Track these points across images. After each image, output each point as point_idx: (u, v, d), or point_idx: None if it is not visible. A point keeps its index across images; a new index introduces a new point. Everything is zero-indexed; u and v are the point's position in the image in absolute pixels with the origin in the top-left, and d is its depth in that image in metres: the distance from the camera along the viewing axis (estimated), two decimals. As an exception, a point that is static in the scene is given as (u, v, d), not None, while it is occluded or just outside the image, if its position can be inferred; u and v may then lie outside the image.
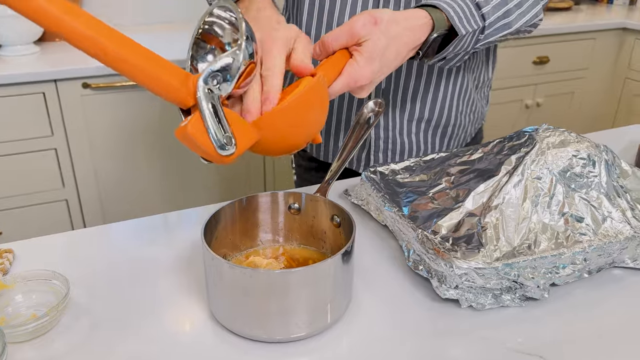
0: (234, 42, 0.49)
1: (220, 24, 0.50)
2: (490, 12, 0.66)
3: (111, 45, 0.40)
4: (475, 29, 0.66)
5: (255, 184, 1.80)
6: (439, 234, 0.55)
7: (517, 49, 2.02)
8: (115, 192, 1.63)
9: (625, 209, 0.57)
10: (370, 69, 0.57)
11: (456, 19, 0.63)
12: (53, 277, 0.53)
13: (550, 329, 0.51)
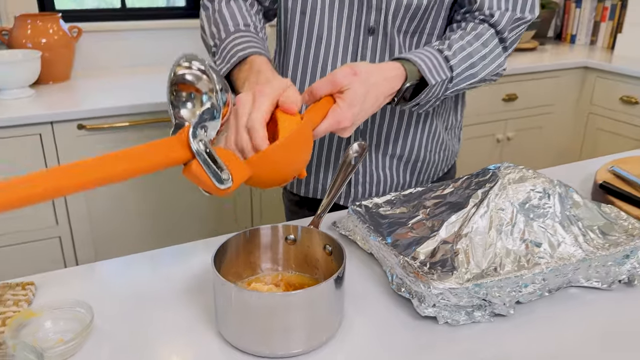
0: (210, 91, 0.57)
1: (192, 74, 0.58)
2: (457, 64, 0.76)
3: (108, 173, 0.48)
4: (444, 79, 0.75)
5: (243, 218, 1.87)
6: (418, 260, 0.63)
7: (488, 87, 2.15)
8: (107, 229, 1.68)
9: (577, 234, 0.66)
10: (351, 112, 0.66)
11: (426, 71, 0.73)
12: (78, 305, 0.59)
13: (517, 342, 0.59)
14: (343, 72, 0.67)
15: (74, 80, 1.85)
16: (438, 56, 0.75)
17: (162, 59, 2.10)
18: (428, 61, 0.74)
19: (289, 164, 0.61)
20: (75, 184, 0.45)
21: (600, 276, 0.67)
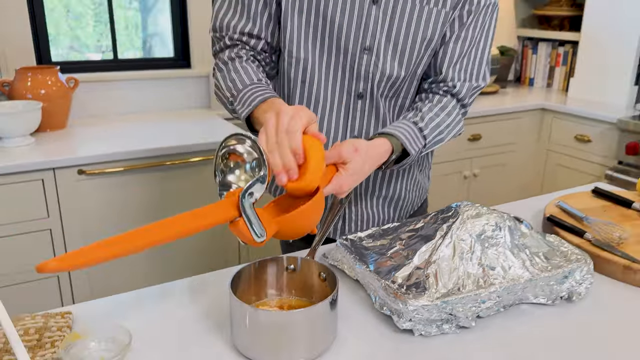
0: (258, 163, 0.71)
1: (244, 148, 0.73)
2: (429, 133, 0.95)
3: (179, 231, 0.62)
4: (420, 147, 0.93)
5: (231, 257, 1.99)
6: (397, 283, 0.76)
7: (455, 128, 2.34)
8: (103, 268, 1.77)
9: (524, 260, 0.81)
10: (352, 180, 0.82)
11: (407, 144, 0.91)
12: (117, 328, 0.71)
13: (479, 350, 0.73)
14: (347, 148, 0.83)
15: (71, 128, 1.97)
16: (414, 128, 0.94)
17: (153, 107, 2.24)
18: (407, 134, 0.92)
19: (305, 225, 0.76)
20: (159, 239, 0.61)
21: (545, 294, 0.81)
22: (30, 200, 1.62)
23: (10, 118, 1.70)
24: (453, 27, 0.98)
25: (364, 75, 0.98)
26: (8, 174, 1.57)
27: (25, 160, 1.59)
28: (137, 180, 1.76)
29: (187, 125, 2.04)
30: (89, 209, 1.71)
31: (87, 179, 1.68)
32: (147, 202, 1.79)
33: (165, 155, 1.76)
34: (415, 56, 0.97)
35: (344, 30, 0.94)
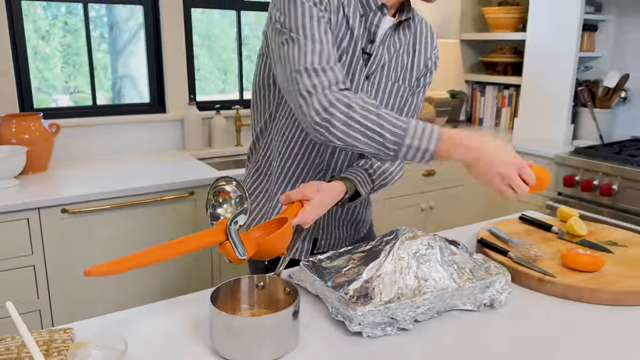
0: (241, 199, 0.90)
1: (228, 188, 0.91)
2: (376, 179, 1.17)
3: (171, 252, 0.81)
4: (369, 190, 1.15)
5: (204, 280, 2.11)
6: (348, 294, 0.93)
7: (411, 165, 2.56)
8: (84, 298, 1.88)
9: (452, 273, 0.99)
10: (313, 214, 1.01)
11: (359, 186, 1.12)
12: (115, 338, 0.85)
13: (416, 348, 0.89)
14: (310, 189, 1.02)
15: (52, 170, 2.10)
16: (365, 174, 1.16)
17: (131, 149, 2.39)
18: (359, 179, 1.14)
19: (277, 248, 0.95)
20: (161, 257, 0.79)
21: (471, 301, 0.99)
22: (15, 238, 1.73)
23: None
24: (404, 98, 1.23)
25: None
26: (-4, 214, 1.68)
27: (11, 201, 1.71)
28: (117, 217, 1.89)
29: (163, 166, 2.19)
30: (71, 246, 1.83)
31: (70, 217, 1.81)
32: (126, 238, 1.92)
33: (143, 194, 1.91)
34: None
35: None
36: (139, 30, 2.46)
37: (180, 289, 2.06)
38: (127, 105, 2.45)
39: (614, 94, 2.75)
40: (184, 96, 2.50)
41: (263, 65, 1.17)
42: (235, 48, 2.73)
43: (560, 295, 1.06)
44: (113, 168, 2.14)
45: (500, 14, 3.06)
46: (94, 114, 2.34)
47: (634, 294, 1.03)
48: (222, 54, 2.74)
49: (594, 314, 1.00)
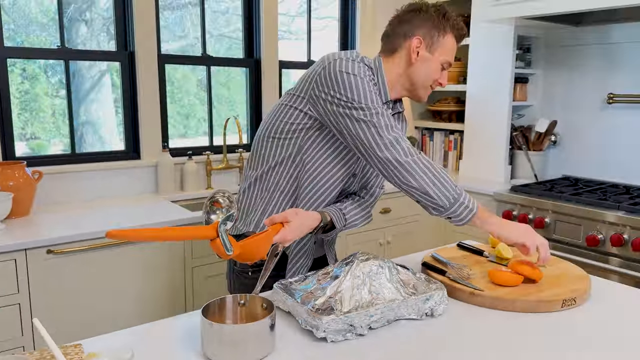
0: (231, 208, 1.12)
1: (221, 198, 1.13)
2: (350, 218, 1.43)
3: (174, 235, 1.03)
4: (342, 225, 1.40)
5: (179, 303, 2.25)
6: (315, 308, 1.13)
7: (368, 203, 2.81)
8: (67, 332, 1.99)
9: (399, 288, 1.21)
10: (291, 235, 1.24)
11: (334, 219, 1.37)
12: (123, 348, 1.02)
13: (372, 350, 1.10)
14: (290, 213, 1.26)
15: (34, 214, 2.24)
16: (340, 213, 1.43)
17: (108, 193, 2.55)
18: (334, 214, 1.42)
19: (258, 251, 1.18)
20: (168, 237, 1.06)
21: (414, 311, 1.21)
22: (2, 278, 1.86)
23: (-16, 207, 1.97)
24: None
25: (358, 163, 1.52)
26: (-15, 256, 1.82)
27: (1, 243, 1.85)
28: (98, 257, 2.04)
29: (139, 209, 2.36)
30: (55, 284, 1.96)
31: (54, 257, 1.95)
32: (106, 276, 2.06)
33: (123, 234, 2.07)
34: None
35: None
36: (102, 77, 2.64)
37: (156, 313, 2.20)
38: (104, 153, 2.62)
39: (545, 137, 3.11)
40: (157, 144, 2.70)
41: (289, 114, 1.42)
42: (198, 93, 2.96)
43: (488, 306, 1.30)
44: (92, 211, 2.30)
45: (443, 67, 3.41)
46: (72, 161, 2.50)
47: (544, 303, 1.27)
48: (184, 99, 2.95)
49: (514, 320, 1.24)
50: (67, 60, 2.49)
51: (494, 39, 3.06)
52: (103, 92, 2.66)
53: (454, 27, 1.44)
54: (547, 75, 3.19)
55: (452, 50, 1.46)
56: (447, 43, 1.44)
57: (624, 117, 2.86)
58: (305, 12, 3.31)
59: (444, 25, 1.42)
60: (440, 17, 1.42)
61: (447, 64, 1.46)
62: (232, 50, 3.07)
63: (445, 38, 1.43)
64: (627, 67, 2.83)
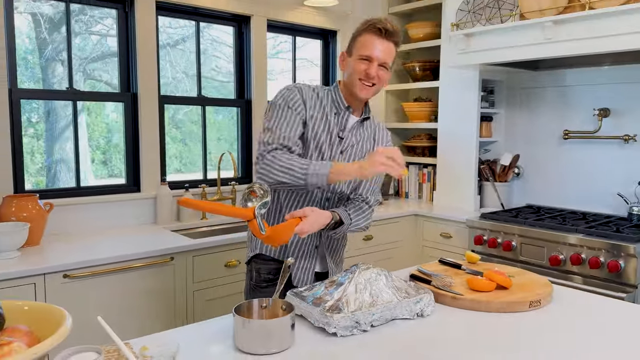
0: (263, 195, 1.37)
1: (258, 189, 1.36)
2: (353, 218, 1.68)
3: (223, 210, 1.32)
4: (349, 222, 1.64)
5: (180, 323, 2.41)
6: (325, 309, 1.35)
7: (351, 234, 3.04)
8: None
9: (394, 292, 1.44)
10: (308, 227, 1.49)
11: (342, 217, 1.62)
12: (169, 341, 1.21)
13: (373, 344, 1.32)
14: (307, 209, 1.52)
15: (45, 243, 2.39)
16: (346, 214, 1.67)
17: (111, 223, 2.72)
18: (343, 214, 1.65)
19: (282, 236, 1.45)
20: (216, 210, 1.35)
21: (408, 312, 1.44)
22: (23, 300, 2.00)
23: (5, 236, 2.12)
24: None
25: (331, 188, 1.74)
26: (8, 280, 1.96)
27: (19, 268, 2.00)
28: (110, 280, 2.20)
29: (143, 237, 2.54)
30: (71, 305, 2.11)
31: (70, 281, 2.11)
32: (115, 297, 2.22)
33: (132, 259, 2.24)
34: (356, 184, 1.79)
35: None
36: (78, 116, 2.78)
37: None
38: (107, 187, 2.80)
39: (509, 170, 3.43)
40: (156, 177, 2.89)
41: None
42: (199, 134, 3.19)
43: (468, 308, 1.54)
44: (99, 240, 2.47)
45: (416, 108, 3.74)
46: (77, 194, 2.67)
47: (514, 303, 1.52)
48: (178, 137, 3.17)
49: (490, 318, 1.48)
50: (74, 101, 2.69)
51: (461, 82, 3.40)
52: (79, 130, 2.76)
53: (366, 24, 1.67)
54: (509, 114, 3.54)
55: (366, 43, 1.66)
56: (361, 40, 1.67)
57: (578, 151, 3.21)
58: (291, 52, 3.61)
59: (358, 31, 1.69)
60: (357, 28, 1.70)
61: (366, 56, 1.66)
62: (220, 90, 3.32)
63: (359, 37, 1.68)
64: (580, 106, 3.19)
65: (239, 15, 3.21)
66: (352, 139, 1.76)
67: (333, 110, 1.73)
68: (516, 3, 2.75)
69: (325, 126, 1.71)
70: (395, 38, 1.70)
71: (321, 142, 1.70)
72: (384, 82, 1.73)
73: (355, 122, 1.77)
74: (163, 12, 2.94)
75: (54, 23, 2.68)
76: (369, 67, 1.66)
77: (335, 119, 1.73)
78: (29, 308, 1.06)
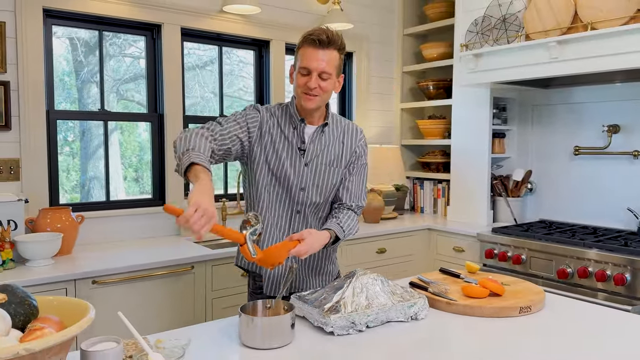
0: (256, 223, 1.49)
1: (252, 218, 1.49)
2: (345, 228, 1.77)
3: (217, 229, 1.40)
4: (343, 235, 1.74)
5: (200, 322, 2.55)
6: (324, 310, 1.47)
7: (365, 244, 3.16)
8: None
9: (390, 296, 1.55)
10: (306, 249, 1.58)
11: (337, 233, 1.72)
12: (180, 336, 1.36)
13: (368, 343, 1.43)
14: (305, 232, 1.61)
15: (76, 252, 2.58)
16: (338, 226, 1.76)
17: (137, 235, 2.90)
18: (337, 229, 1.75)
19: (276, 257, 1.54)
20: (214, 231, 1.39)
21: (402, 315, 1.55)
22: (55, 304, 2.18)
23: (39, 245, 2.31)
24: (346, 176, 1.83)
25: (300, 202, 1.80)
26: (43, 284, 2.15)
27: (53, 274, 2.18)
28: (135, 287, 2.37)
29: (167, 247, 2.71)
30: (98, 309, 2.28)
31: (98, 287, 2.28)
32: (140, 302, 2.39)
33: (155, 267, 2.41)
34: (328, 192, 1.83)
35: (290, 179, 1.78)
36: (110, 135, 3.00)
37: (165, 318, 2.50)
38: (133, 200, 2.99)
39: (522, 185, 3.49)
40: (180, 192, 3.07)
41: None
42: (221, 153, 3.38)
43: (461, 313, 1.64)
44: (126, 249, 2.65)
45: (430, 125, 3.86)
46: (106, 207, 2.87)
47: (505, 309, 1.61)
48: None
49: (481, 323, 1.58)
50: (105, 121, 2.90)
51: (473, 100, 3.50)
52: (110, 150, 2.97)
53: (304, 36, 1.71)
54: (522, 130, 3.62)
55: (304, 56, 1.70)
56: (300, 53, 1.72)
57: (589, 167, 3.26)
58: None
59: (299, 43, 1.74)
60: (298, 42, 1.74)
61: (304, 69, 1.70)
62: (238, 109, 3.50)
63: (299, 50, 1.73)
64: (590, 123, 3.25)
65: (259, 39, 3.40)
66: (316, 149, 1.80)
67: (292, 125, 1.79)
68: (522, 24, 2.86)
69: (285, 143, 1.78)
70: (333, 45, 1.70)
71: (282, 160, 1.77)
72: (328, 90, 1.74)
73: (314, 131, 1.80)
74: (188, 37, 3.15)
75: (90, 47, 2.91)
76: (309, 79, 1.70)
77: (293, 133, 1.79)
78: (58, 303, 1.21)
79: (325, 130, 1.83)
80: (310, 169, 1.80)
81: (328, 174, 1.82)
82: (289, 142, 1.78)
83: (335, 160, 1.84)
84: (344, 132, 1.87)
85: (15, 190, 2.57)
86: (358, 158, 1.88)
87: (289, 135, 1.79)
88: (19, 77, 2.54)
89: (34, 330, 1.04)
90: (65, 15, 2.73)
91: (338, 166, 1.84)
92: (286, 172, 1.77)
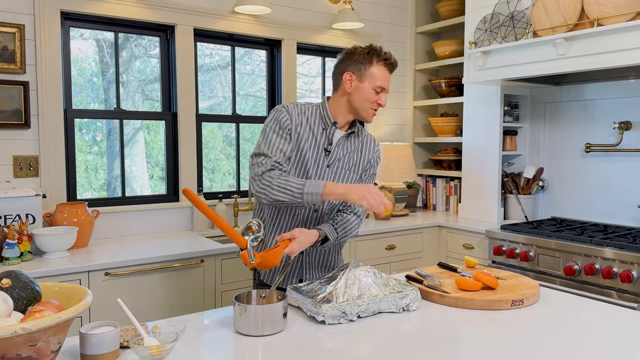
0: (258, 230, 1.55)
1: (254, 225, 1.56)
2: (340, 231, 1.81)
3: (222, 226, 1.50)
4: (335, 237, 1.78)
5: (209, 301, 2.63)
6: (317, 300, 1.52)
7: (376, 240, 3.20)
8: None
9: (381, 287, 1.59)
10: (297, 247, 1.64)
11: (329, 234, 1.76)
12: (175, 325, 1.42)
13: (359, 333, 1.48)
14: (296, 231, 1.66)
15: (91, 246, 2.68)
16: (332, 228, 1.81)
17: (152, 230, 3.00)
18: (328, 230, 1.79)
19: (272, 261, 1.58)
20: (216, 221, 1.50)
21: (394, 305, 1.59)
22: (70, 295, 2.28)
23: (55, 238, 2.42)
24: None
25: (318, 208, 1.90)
26: (58, 275, 2.25)
27: (68, 266, 2.29)
28: (146, 279, 2.46)
29: (179, 241, 2.80)
30: (111, 300, 2.38)
31: (110, 278, 2.38)
32: (150, 293, 2.47)
33: (166, 260, 2.50)
34: None
35: (311, 177, 1.85)
36: (136, 134, 3.14)
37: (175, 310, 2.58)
38: (148, 197, 3.09)
39: (533, 183, 3.48)
40: (193, 188, 3.16)
41: None
42: (224, 149, 3.45)
43: (453, 305, 1.67)
44: (139, 244, 2.74)
45: (442, 122, 3.87)
46: (122, 203, 2.97)
47: (497, 301, 1.64)
48: (210, 154, 3.43)
49: (473, 315, 1.61)
50: (121, 120, 3.01)
51: (484, 98, 3.50)
52: (134, 149, 3.13)
53: (379, 57, 1.84)
54: (533, 127, 3.60)
55: (380, 76, 1.83)
56: (374, 72, 1.82)
57: (600, 164, 3.23)
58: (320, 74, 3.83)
59: (369, 59, 1.83)
60: (364, 54, 1.83)
61: (380, 88, 1.83)
62: (256, 107, 3.58)
63: (372, 68, 1.83)
64: (601, 120, 3.23)
65: (271, 39, 3.47)
66: (339, 153, 1.90)
67: (321, 126, 1.86)
68: (529, 21, 2.86)
69: (312, 142, 1.85)
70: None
71: (307, 157, 1.83)
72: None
73: (342, 136, 1.89)
74: (200, 38, 3.24)
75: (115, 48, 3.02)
76: (380, 97, 1.86)
77: (322, 134, 1.86)
78: (59, 288, 1.29)
79: (350, 137, 1.93)
80: (332, 170, 1.87)
81: (346, 179, 1.91)
82: (316, 141, 1.85)
83: (353, 166, 1.93)
84: (362, 142, 1.96)
85: (34, 186, 2.69)
86: (371, 167, 1.98)
87: (317, 134, 1.86)
88: (38, 78, 2.66)
89: (33, 313, 1.12)
90: (82, 17, 2.84)
91: (355, 172, 1.93)
92: (309, 170, 1.84)
